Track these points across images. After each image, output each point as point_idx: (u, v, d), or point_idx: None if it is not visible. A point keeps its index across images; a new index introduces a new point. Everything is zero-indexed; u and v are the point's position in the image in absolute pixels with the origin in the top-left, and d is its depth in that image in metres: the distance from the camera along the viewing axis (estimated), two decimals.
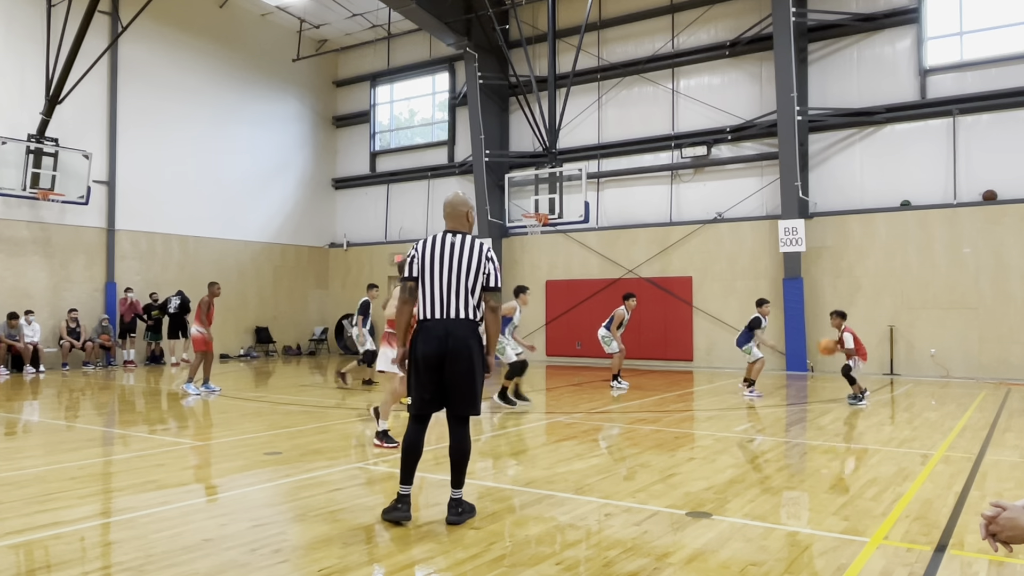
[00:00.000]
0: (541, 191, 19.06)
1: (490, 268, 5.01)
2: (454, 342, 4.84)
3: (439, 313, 4.91)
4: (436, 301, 4.91)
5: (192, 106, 21.70)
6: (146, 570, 4.08)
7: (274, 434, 8.91)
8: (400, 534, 4.73)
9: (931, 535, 4.74)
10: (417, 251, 5.04)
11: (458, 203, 5.19)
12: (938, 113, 16.53)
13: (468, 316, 4.92)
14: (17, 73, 17.76)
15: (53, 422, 10.04)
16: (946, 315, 16.19)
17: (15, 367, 17.16)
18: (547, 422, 9.97)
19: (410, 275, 5.01)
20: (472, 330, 4.93)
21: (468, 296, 4.92)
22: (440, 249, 4.99)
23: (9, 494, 5.82)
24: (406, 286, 5.02)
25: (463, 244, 5.00)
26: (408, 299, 5.02)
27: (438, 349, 4.84)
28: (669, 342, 19.26)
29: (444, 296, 4.91)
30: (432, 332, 4.88)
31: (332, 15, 23.48)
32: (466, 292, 4.92)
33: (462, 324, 4.90)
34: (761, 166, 18.61)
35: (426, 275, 4.95)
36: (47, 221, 18.47)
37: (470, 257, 4.97)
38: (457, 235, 5.06)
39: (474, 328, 4.95)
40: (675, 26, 19.91)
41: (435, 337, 4.86)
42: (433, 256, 4.97)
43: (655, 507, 5.41)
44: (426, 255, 4.99)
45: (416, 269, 5.00)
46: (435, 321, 4.91)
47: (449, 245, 4.99)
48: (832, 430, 9.09)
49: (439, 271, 4.93)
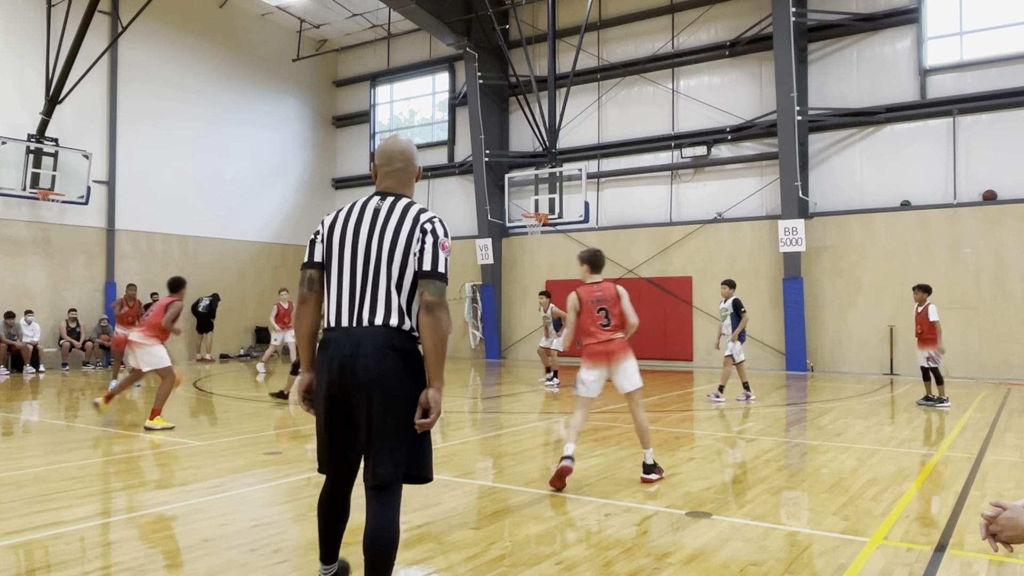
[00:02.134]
0: (541, 191, 19.06)
1: (428, 241, 3.11)
2: (365, 364, 3.03)
3: (349, 319, 3.13)
4: (345, 300, 3.15)
5: (192, 106, 21.70)
6: (146, 570, 4.08)
7: (274, 434, 8.91)
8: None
9: (931, 535, 4.74)
10: (323, 225, 3.32)
11: (396, 152, 3.36)
12: (938, 113, 16.54)
13: (392, 323, 3.09)
14: (17, 73, 17.75)
15: (53, 422, 10.04)
16: (946, 315, 16.06)
17: (15, 367, 17.16)
18: (546, 422, 9.97)
19: (309, 260, 3.34)
20: (399, 345, 3.10)
21: (392, 290, 3.11)
22: (357, 218, 3.22)
23: (9, 494, 5.82)
24: (305, 277, 3.33)
25: (391, 210, 3.19)
26: (308, 297, 3.31)
27: (341, 375, 3.07)
28: (669, 342, 19.26)
29: (359, 291, 3.13)
30: (335, 349, 3.10)
31: (332, 15, 23.48)
32: (388, 283, 3.11)
33: (381, 336, 3.07)
34: (761, 166, 18.61)
35: (333, 260, 3.23)
36: (47, 221, 18.46)
37: (397, 227, 3.14)
38: (387, 198, 3.26)
39: (402, 340, 3.11)
40: (675, 26, 19.91)
41: (337, 356, 3.08)
42: (345, 230, 3.22)
43: (655, 507, 5.41)
44: (336, 230, 3.25)
45: (320, 251, 3.31)
46: (341, 332, 3.12)
47: (372, 212, 3.21)
48: (832, 430, 9.09)
49: (351, 253, 3.18)
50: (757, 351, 18.17)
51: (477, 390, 14.44)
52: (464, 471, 6.82)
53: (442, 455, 7.35)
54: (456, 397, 12.72)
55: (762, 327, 18.15)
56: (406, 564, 4.22)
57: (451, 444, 8.13)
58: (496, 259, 21.80)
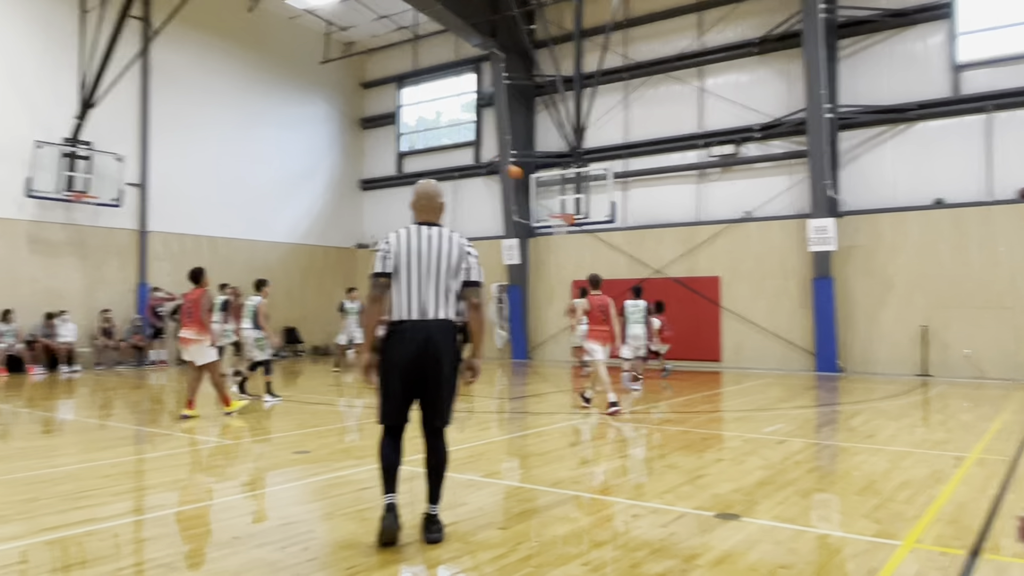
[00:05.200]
0: (567, 191, 19.02)
1: (471, 262, 4.61)
2: (435, 347, 4.45)
3: (420, 314, 4.48)
4: (415, 301, 4.48)
5: (222, 109, 21.98)
6: (177, 567, 4.14)
7: (303, 433, 8.99)
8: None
9: (965, 539, 4.65)
10: (391, 244, 4.57)
11: (434, 193, 4.76)
12: (972, 109, 16.22)
13: (449, 317, 4.53)
14: (52, 78, 18.10)
15: (87, 420, 10.22)
16: (981, 315, 15.88)
17: (51, 366, 17.50)
18: (573, 422, 9.95)
19: (383, 271, 4.54)
20: (453, 333, 4.55)
21: (449, 294, 4.54)
22: (418, 242, 4.56)
23: (45, 491, 5.93)
24: (378, 283, 4.54)
25: (440, 237, 4.59)
26: (379, 297, 4.54)
27: (417, 355, 4.43)
28: (696, 342, 19.10)
29: (423, 295, 4.48)
30: (410, 336, 4.45)
31: (359, 17, 23.64)
32: (446, 290, 4.52)
33: (443, 326, 4.50)
34: (790, 164, 18.40)
35: (402, 271, 4.51)
36: (81, 223, 18.80)
37: (449, 251, 4.56)
38: (432, 228, 4.64)
39: (454, 331, 4.56)
40: (702, 24, 19.76)
41: (413, 341, 4.43)
42: (410, 250, 4.53)
43: (683, 508, 5.37)
44: (402, 249, 4.54)
45: (390, 264, 4.53)
46: (413, 323, 4.47)
47: (427, 238, 4.57)
48: (863, 432, 8.96)
49: (416, 267, 4.50)
50: (786, 351, 17.98)
51: (504, 390, 14.45)
52: (490, 471, 6.82)
53: (468, 455, 7.36)
54: (483, 397, 12.73)
55: (791, 327, 17.95)
56: (433, 564, 4.24)
57: (477, 444, 8.13)
58: (523, 259, 21.79)
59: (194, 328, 9.73)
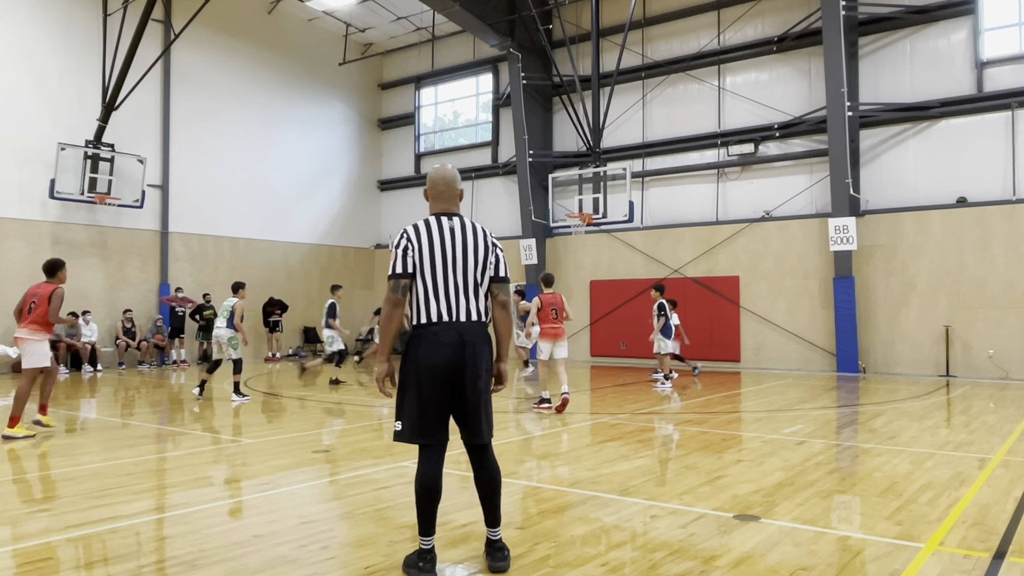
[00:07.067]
0: (585, 191, 18.99)
1: (499, 255, 4.13)
2: (471, 351, 3.93)
3: (448, 315, 3.95)
4: (443, 300, 3.95)
5: (242, 110, 22.16)
6: (198, 564, 4.18)
7: (321, 432, 9.03)
8: (443, 534, 4.75)
9: (989, 541, 4.59)
10: (412, 240, 4.00)
11: (452, 178, 4.20)
12: (996, 107, 16.02)
13: (482, 318, 4.05)
14: (75, 81, 18.33)
15: (110, 419, 10.33)
16: (1005, 315, 15.68)
17: (74, 366, 17.72)
18: (592, 423, 9.93)
19: (404, 270, 3.97)
20: (487, 335, 4.08)
21: (479, 292, 4.04)
22: (440, 235, 4.01)
23: (68, 489, 6.01)
24: (399, 284, 3.96)
25: (464, 228, 4.06)
26: (401, 301, 3.97)
27: (451, 359, 3.89)
28: (716, 342, 19.02)
29: (453, 293, 3.97)
30: (441, 338, 3.91)
31: (377, 19, 23.75)
32: (476, 287, 4.02)
33: (477, 328, 4.01)
34: (810, 163, 18.26)
35: (426, 268, 3.97)
36: (104, 224, 19.03)
37: (475, 243, 4.04)
38: (454, 218, 4.10)
39: (486, 331, 4.09)
40: (721, 22, 19.65)
41: (446, 344, 3.90)
42: (432, 245, 3.98)
43: (702, 509, 5.35)
44: (423, 244, 3.99)
45: (412, 263, 3.98)
46: (444, 325, 3.94)
47: (449, 230, 4.03)
48: (885, 433, 8.87)
49: (441, 262, 3.97)
50: (806, 352, 17.85)
51: (522, 391, 14.44)
52: (508, 471, 6.82)
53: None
54: (501, 397, 12.75)
55: (812, 327, 17.82)
56: (452, 563, 4.25)
57: (495, 444, 8.12)
58: (540, 259, 21.79)
59: (32, 326, 8.52)
